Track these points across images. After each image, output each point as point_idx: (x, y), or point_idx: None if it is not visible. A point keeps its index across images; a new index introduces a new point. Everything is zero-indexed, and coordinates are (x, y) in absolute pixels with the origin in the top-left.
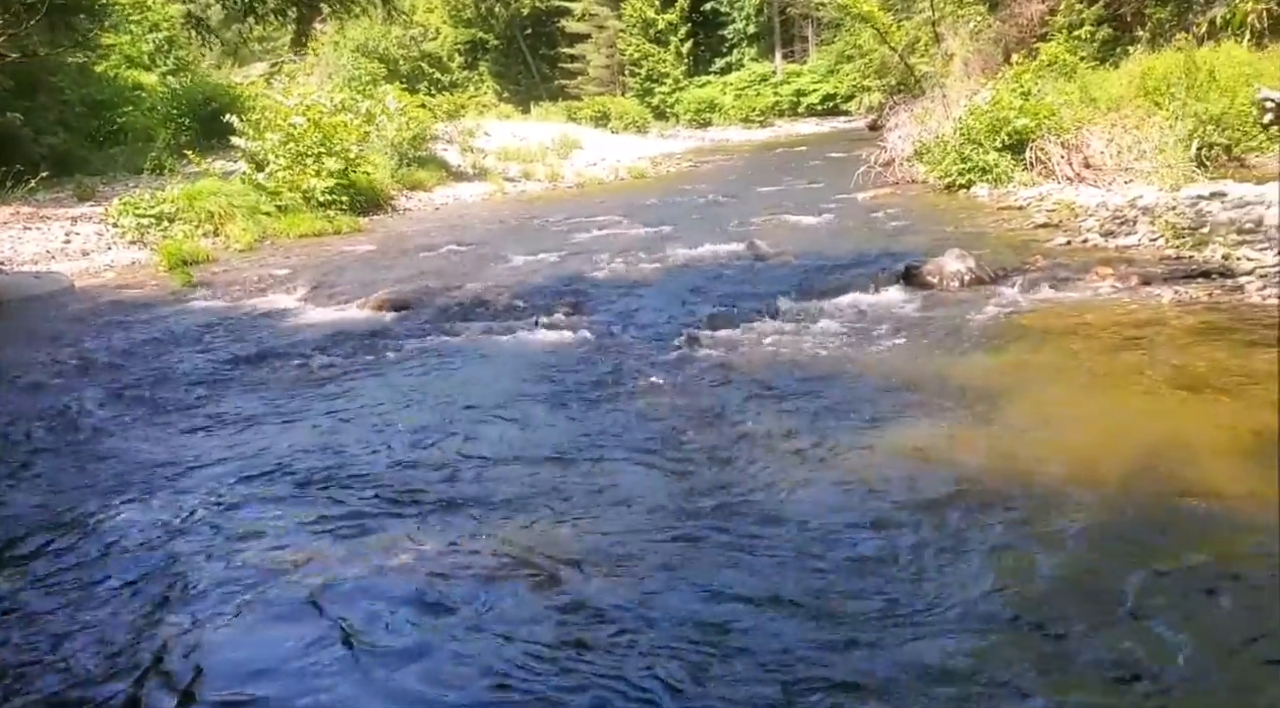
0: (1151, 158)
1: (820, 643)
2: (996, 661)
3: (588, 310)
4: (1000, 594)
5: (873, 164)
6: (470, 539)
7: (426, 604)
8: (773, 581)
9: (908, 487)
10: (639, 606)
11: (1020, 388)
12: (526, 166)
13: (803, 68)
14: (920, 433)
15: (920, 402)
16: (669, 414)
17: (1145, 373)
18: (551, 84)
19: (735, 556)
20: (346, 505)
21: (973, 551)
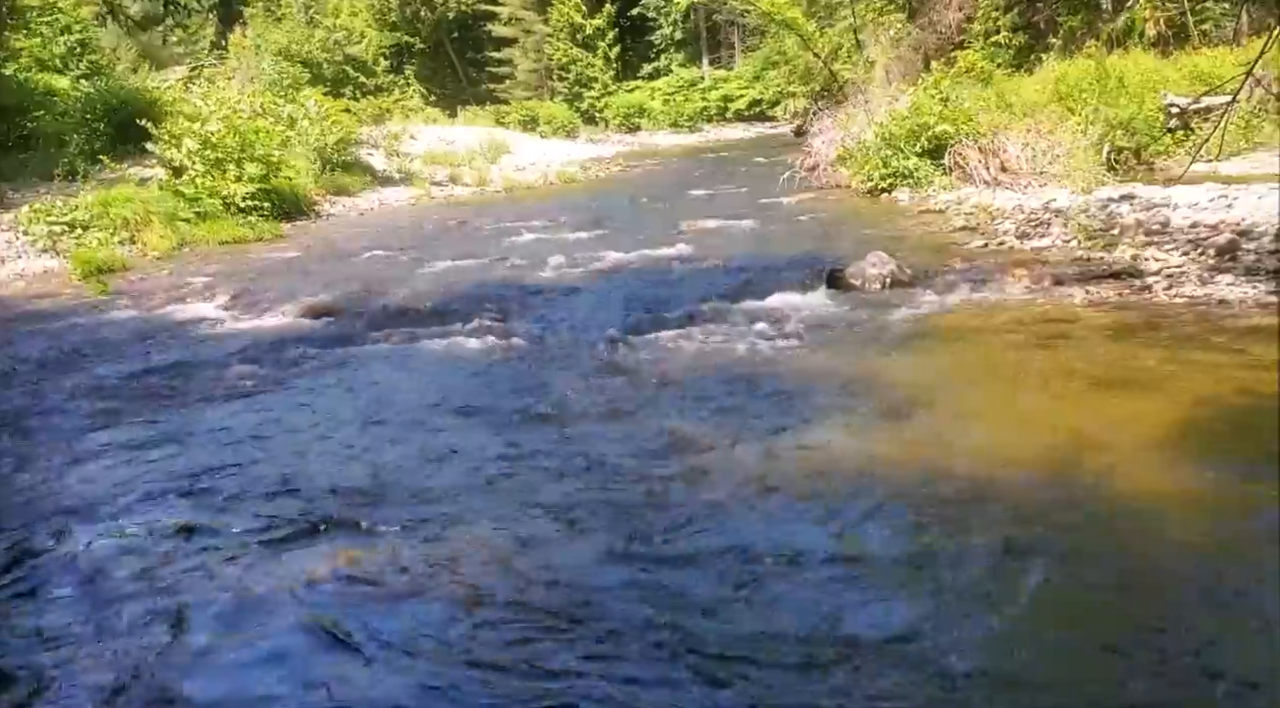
0: (1065, 162)
1: (729, 640)
2: (898, 651)
3: (515, 316)
4: (906, 588)
5: (798, 169)
6: (385, 554)
7: (340, 620)
8: (696, 585)
9: (827, 485)
10: (556, 617)
11: (938, 387)
12: (454, 171)
13: (730, 73)
14: (841, 433)
15: (842, 402)
16: (593, 420)
17: (1058, 371)
18: (479, 88)
19: (657, 561)
20: (256, 524)
21: (891, 546)
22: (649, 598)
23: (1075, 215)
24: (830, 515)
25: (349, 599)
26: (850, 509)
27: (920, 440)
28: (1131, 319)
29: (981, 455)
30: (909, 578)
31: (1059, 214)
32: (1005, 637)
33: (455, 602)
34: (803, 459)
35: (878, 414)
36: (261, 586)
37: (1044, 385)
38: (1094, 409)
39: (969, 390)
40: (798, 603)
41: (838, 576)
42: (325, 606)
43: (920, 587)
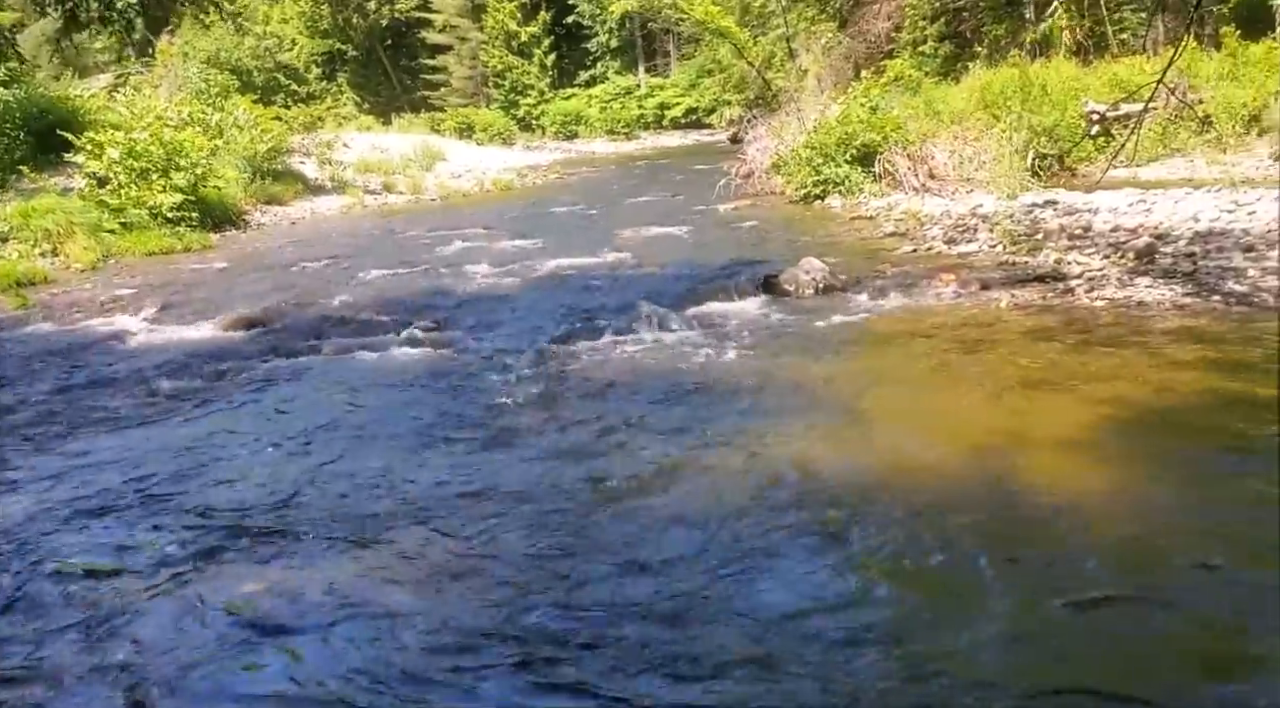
0: (991, 168)
1: (652, 649)
2: (823, 646)
3: (450, 325)
4: (832, 586)
5: (733, 176)
6: (314, 571)
7: (260, 644)
8: (623, 596)
9: (757, 488)
10: (485, 636)
11: (869, 389)
12: (388, 179)
13: (666, 81)
14: (776, 437)
15: (775, 406)
16: (526, 431)
17: (985, 372)
18: (414, 95)
19: (587, 568)
20: (172, 548)
21: (820, 545)
22: (579, 609)
23: (1000, 220)
24: (764, 519)
25: (268, 623)
26: (783, 512)
27: (851, 442)
28: (1054, 322)
29: (911, 456)
30: (840, 576)
31: (985, 219)
32: (930, 630)
33: (379, 622)
34: (737, 465)
35: (811, 418)
36: (177, 611)
37: (971, 387)
38: (1019, 409)
39: (899, 393)
40: (730, 609)
41: (771, 578)
42: (244, 630)
43: (851, 584)
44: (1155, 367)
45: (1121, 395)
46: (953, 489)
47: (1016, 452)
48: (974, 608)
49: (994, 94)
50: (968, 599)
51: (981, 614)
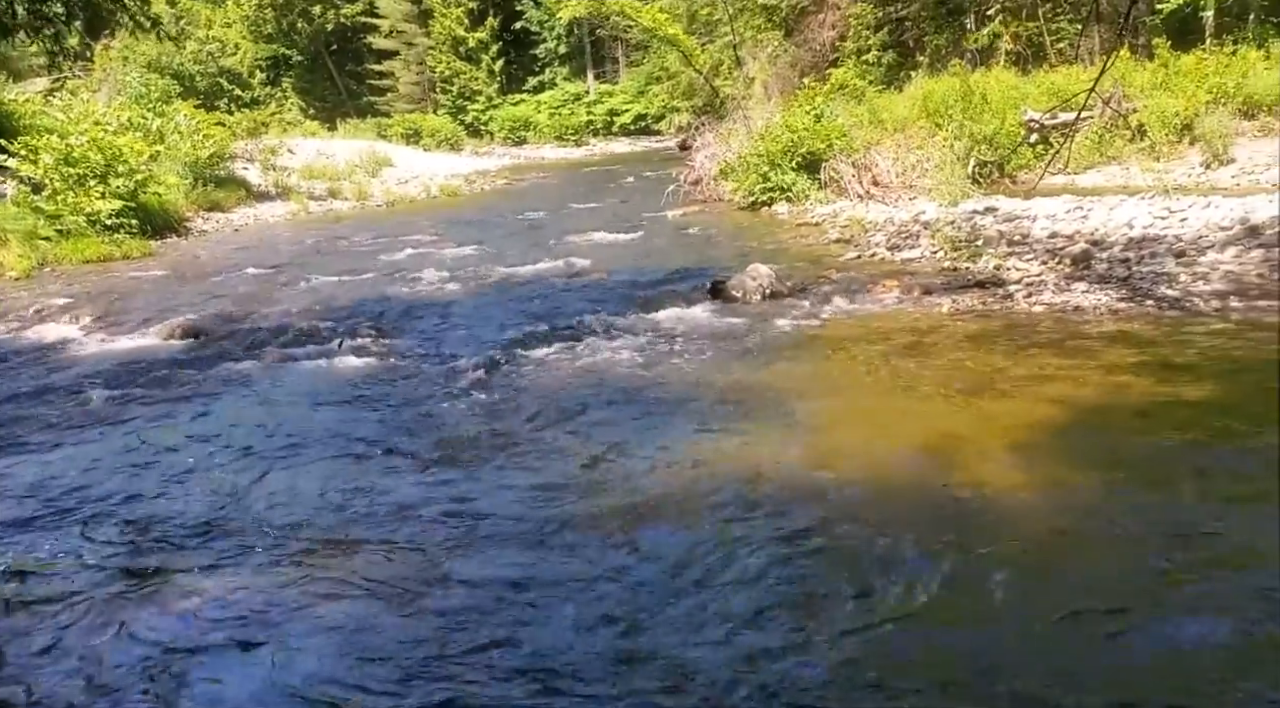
0: (933, 175)
1: (593, 659)
2: (777, 645)
3: (395, 333)
4: (782, 586)
5: (682, 183)
6: (245, 586)
7: (191, 664)
8: (570, 605)
9: (703, 495)
10: (421, 639)
11: (814, 394)
12: (333, 185)
13: (615, 88)
14: (724, 443)
15: (722, 412)
16: (471, 440)
17: (926, 377)
18: (360, 101)
19: (527, 580)
20: (109, 556)
21: (768, 547)
22: (519, 622)
23: (942, 227)
24: (712, 523)
25: (195, 639)
26: (731, 516)
27: (797, 447)
28: (994, 327)
29: (855, 460)
30: (787, 579)
31: (927, 226)
32: (876, 629)
33: (312, 638)
34: (684, 472)
35: (756, 423)
36: (101, 627)
37: (913, 391)
38: (958, 413)
39: (843, 397)
40: (680, 617)
41: (721, 582)
42: (174, 644)
43: (798, 586)
44: (1091, 370)
45: (1058, 398)
46: (895, 493)
47: (956, 454)
48: (913, 608)
49: (936, 102)
50: (908, 601)
51: (920, 613)
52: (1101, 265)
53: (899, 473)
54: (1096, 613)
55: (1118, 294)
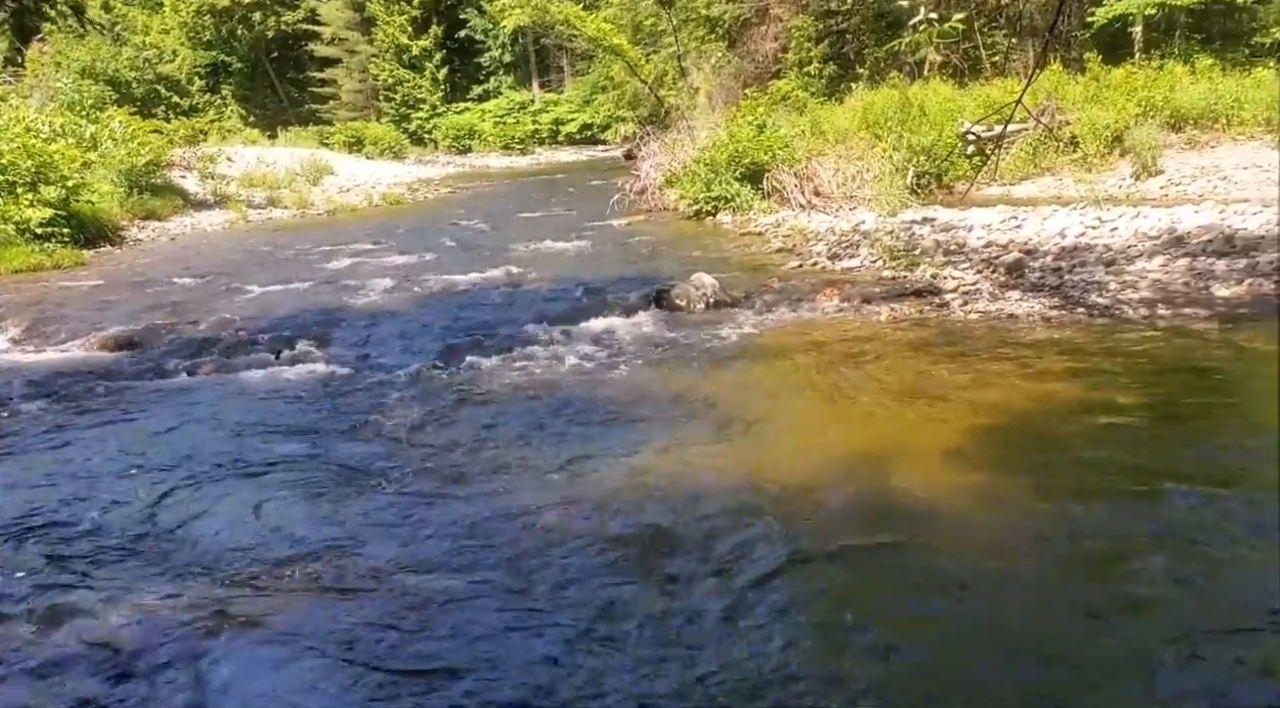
0: (873, 186)
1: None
2: (724, 648)
3: (334, 343)
4: (720, 590)
5: (627, 192)
6: (164, 606)
7: (98, 677)
8: (510, 618)
9: (649, 501)
10: (351, 652)
11: (756, 403)
12: (273, 193)
13: (560, 97)
14: (666, 451)
15: (664, 421)
16: (408, 453)
17: (866, 384)
18: (301, 108)
19: (471, 583)
20: (25, 574)
21: (703, 554)
22: (442, 635)
23: (881, 237)
24: (649, 534)
25: (110, 660)
26: (669, 524)
27: (739, 455)
28: (931, 334)
29: (796, 467)
30: (720, 587)
31: (867, 236)
32: (812, 635)
33: (231, 661)
34: (624, 482)
35: (700, 432)
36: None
37: (852, 398)
38: (896, 419)
39: (784, 405)
40: (619, 624)
41: (656, 589)
42: (87, 666)
43: (736, 593)
44: (1024, 377)
45: (992, 404)
46: (832, 500)
47: (893, 460)
48: (844, 611)
49: (875, 114)
50: (840, 607)
51: (852, 615)
52: (1034, 274)
53: (837, 481)
54: (1025, 614)
55: (1050, 302)
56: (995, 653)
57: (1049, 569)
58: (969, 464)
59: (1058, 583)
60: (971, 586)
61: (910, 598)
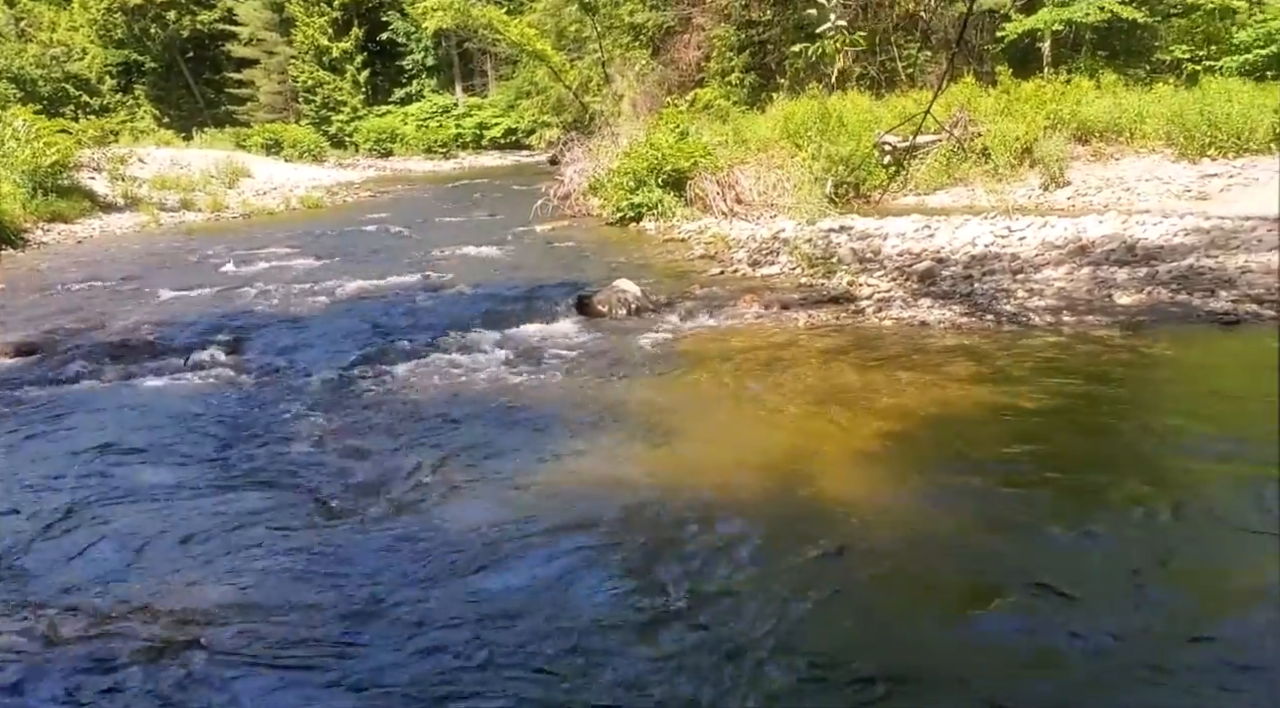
0: (793, 194)
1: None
2: (649, 651)
3: (245, 349)
4: (636, 594)
5: (551, 197)
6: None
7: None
8: (420, 618)
9: (564, 509)
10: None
11: (676, 408)
12: (187, 196)
13: (484, 101)
14: (584, 458)
15: (583, 428)
16: (318, 462)
17: (782, 390)
18: (218, 110)
19: (385, 593)
20: None
21: (619, 561)
22: (370, 640)
23: (800, 245)
24: (563, 541)
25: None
26: (587, 532)
27: (657, 462)
28: (846, 341)
29: (713, 472)
30: (633, 592)
31: (787, 243)
32: (729, 636)
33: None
34: (543, 489)
35: (619, 439)
36: None
37: (769, 404)
38: (812, 425)
39: (703, 410)
40: (533, 631)
41: (573, 598)
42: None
43: (643, 600)
44: (934, 382)
45: (904, 409)
46: (747, 505)
47: (807, 465)
48: (756, 612)
49: (796, 124)
50: (754, 612)
51: (761, 616)
52: (946, 282)
53: (753, 486)
54: (934, 614)
55: (960, 309)
56: (897, 647)
57: (951, 565)
58: (880, 468)
59: (959, 577)
60: (877, 582)
61: (817, 596)
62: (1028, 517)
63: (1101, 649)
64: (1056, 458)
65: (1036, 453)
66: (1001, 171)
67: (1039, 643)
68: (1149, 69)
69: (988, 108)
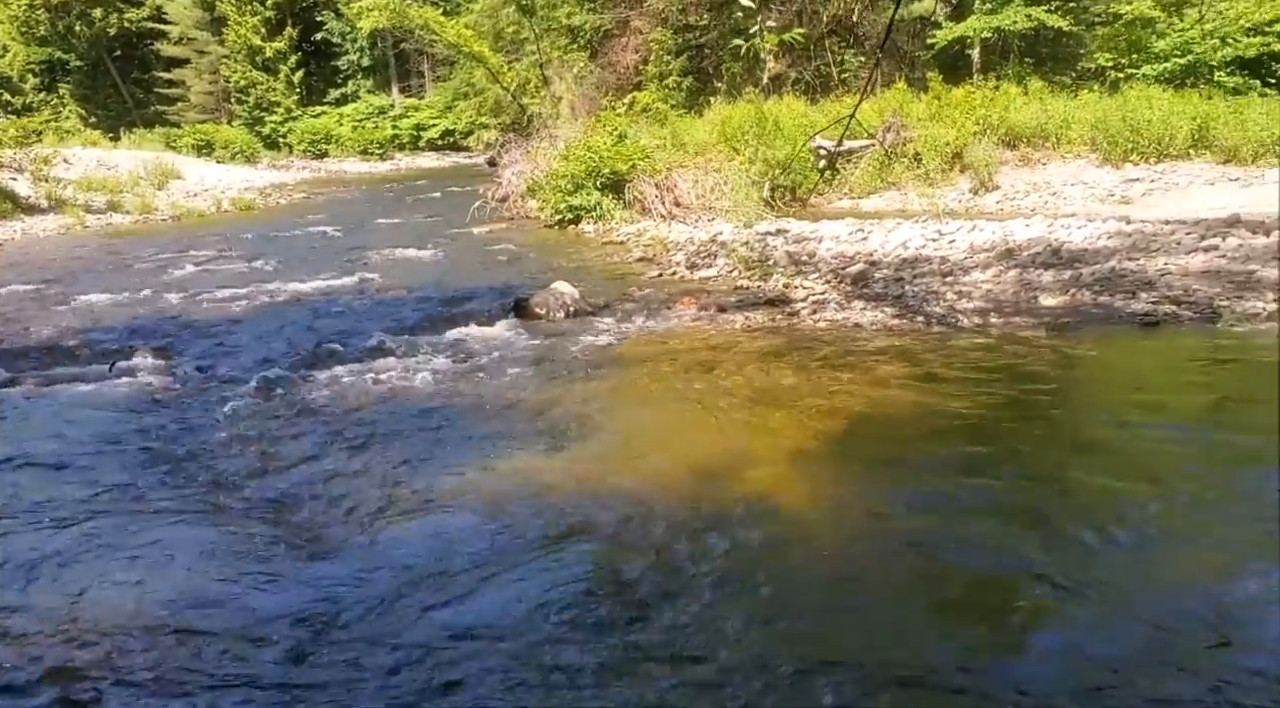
0: (730, 197)
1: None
2: (570, 657)
3: (173, 353)
4: (577, 599)
5: (489, 199)
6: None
7: None
8: (356, 628)
9: (497, 517)
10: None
11: (614, 411)
12: (114, 197)
13: (421, 102)
14: (515, 462)
15: (520, 431)
16: (246, 469)
17: (719, 391)
18: (148, 110)
19: (311, 611)
20: None
21: (564, 564)
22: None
23: (737, 247)
24: (504, 544)
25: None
26: (526, 535)
27: (595, 463)
28: (782, 343)
29: (650, 473)
30: (567, 595)
31: (724, 246)
32: (687, 627)
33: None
34: (479, 491)
35: (558, 441)
36: None
37: (705, 406)
38: (747, 426)
39: (641, 413)
40: (468, 636)
41: (506, 600)
42: None
43: (576, 605)
44: (867, 383)
45: (837, 410)
46: (687, 503)
47: (741, 466)
48: (686, 612)
49: (733, 128)
50: (684, 607)
51: (693, 616)
52: (878, 284)
53: (689, 487)
54: (866, 608)
55: (892, 311)
56: (827, 641)
57: (883, 560)
58: (814, 467)
59: (891, 572)
60: (813, 578)
61: (753, 593)
62: (957, 512)
63: (1026, 637)
64: (985, 456)
65: (966, 451)
66: (933, 176)
67: (968, 632)
68: (1075, 76)
69: (919, 113)
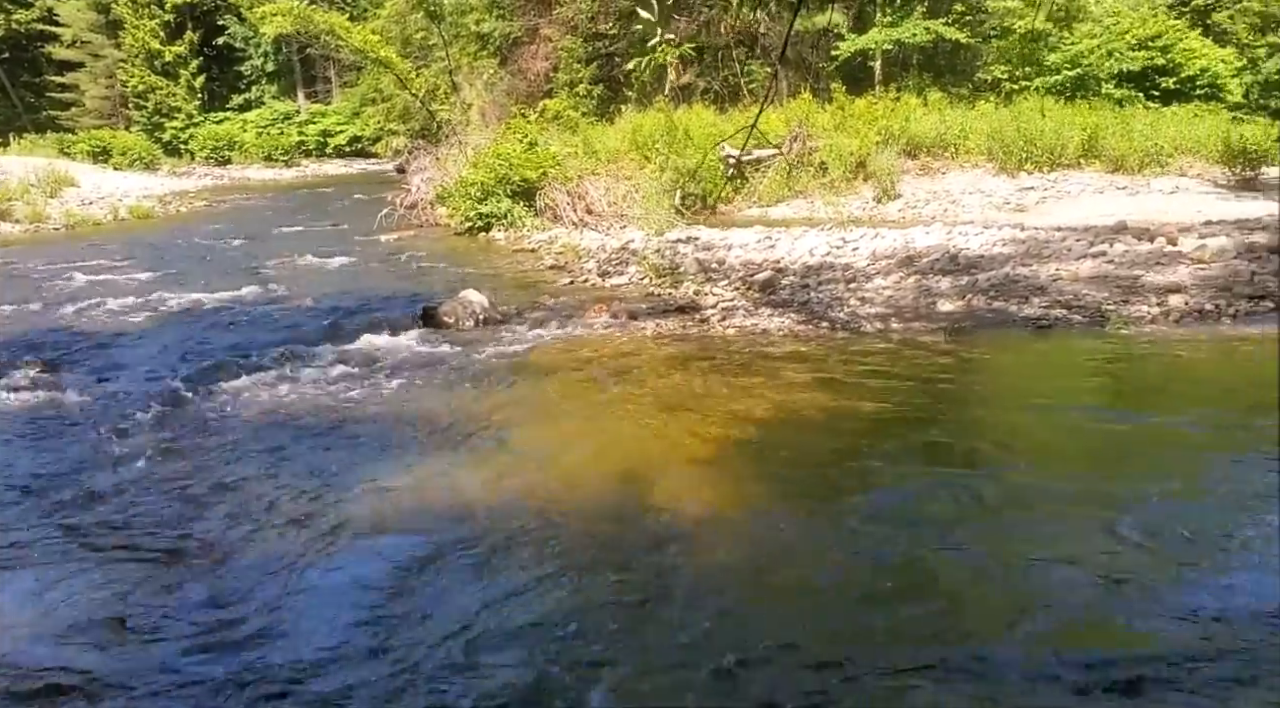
0: (642, 205)
1: None
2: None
3: (64, 367)
4: (489, 609)
5: (397, 206)
6: None
7: None
8: (261, 641)
9: (413, 529)
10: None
11: (524, 419)
12: (3, 206)
13: (328, 108)
14: (420, 472)
15: (426, 442)
16: (139, 484)
17: (629, 398)
18: (39, 115)
19: (208, 619)
20: None
21: (479, 576)
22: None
23: (648, 255)
24: (415, 558)
25: None
26: (440, 549)
27: (503, 474)
28: (692, 349)
29: (558, 482)
30: (494, 605)
31: (636, 254)
32: (595, 634)
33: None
34: (385, 503)
35: (465, 452)
36: None
37: (617, 413)
38: (657, 432)
39: (552, 422)
40: (375, 646)
41: (412, 612)
42: None
43: (482, 614)
44: (773, 387)
45: (745, 414)
46: (596, 511)
47: (651, 472)
48: (593, 615)
49: (644, 136)
50: (590, 612)
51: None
52: (785, 291)
53: (599, 493)
54: (772, 606)
55: (798, 317)
56: (736, 640)
57: (789, 559)
58: (722, 470)
59: (797, 570)
60: (722, 579)
61: (662, 597)
62: (863, 507)
63: (932, 626)
64: (887, 454)
65: (869, 450)
66: (838, 184)
67: (868, 628)
68: (972, 87)
69: (824, 123)
